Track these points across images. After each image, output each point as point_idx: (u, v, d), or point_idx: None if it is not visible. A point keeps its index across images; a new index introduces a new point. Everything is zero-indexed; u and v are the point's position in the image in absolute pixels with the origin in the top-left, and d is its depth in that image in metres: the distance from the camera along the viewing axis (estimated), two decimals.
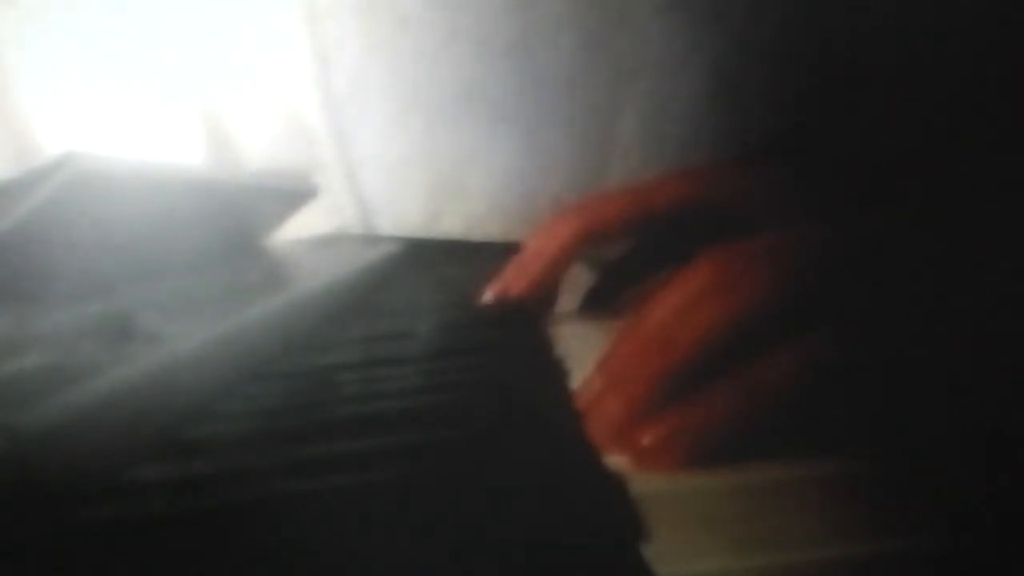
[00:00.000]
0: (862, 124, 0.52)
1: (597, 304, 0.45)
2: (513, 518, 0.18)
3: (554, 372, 0.32)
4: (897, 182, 0.38)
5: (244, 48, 0.73)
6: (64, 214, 0.32)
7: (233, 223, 0.52)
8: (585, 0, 0.72)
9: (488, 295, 0.42)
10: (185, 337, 0.29)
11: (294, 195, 0.57)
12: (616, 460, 0.22)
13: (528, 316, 0.42)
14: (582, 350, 0.33)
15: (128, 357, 0.26)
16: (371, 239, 0.73)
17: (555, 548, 0.17)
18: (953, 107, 0.45)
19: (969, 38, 0.45)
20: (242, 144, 0.75)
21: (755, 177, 0.42)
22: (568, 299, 0.47)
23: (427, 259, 0.61)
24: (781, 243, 0.26)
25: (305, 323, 0.41)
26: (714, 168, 0.43)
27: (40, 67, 0.71)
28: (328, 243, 0.68)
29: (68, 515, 0.20)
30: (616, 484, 0.20)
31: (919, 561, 0.16)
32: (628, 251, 0.46)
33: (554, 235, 0.40)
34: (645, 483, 0.20)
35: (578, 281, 0.50)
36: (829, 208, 0.30)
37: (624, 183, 0.61)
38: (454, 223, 0.67)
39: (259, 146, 0.74)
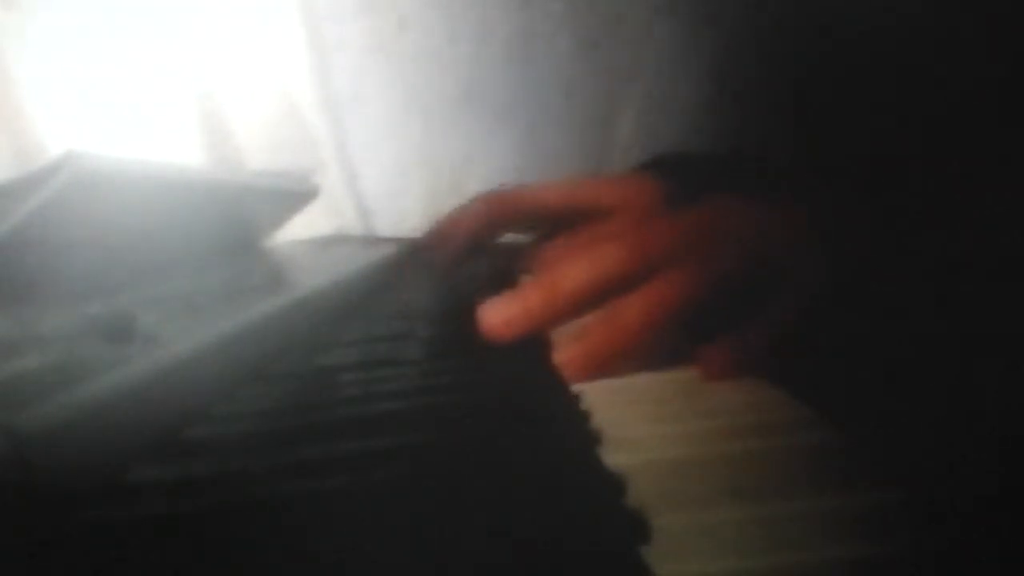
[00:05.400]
0: (860, 123, 0.52)
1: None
2: (513, 519, 0.18)
3: (553, 373, 0.32)
4: (895, 179, 0.39)
5: (244, 49, 0.73)
6: (64, 214, 0.32)
7: (233, 223, 0.52)
8: (584, 1, 0.72)
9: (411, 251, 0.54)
10: (185, 337, 0.29)
11: (294, 196, 0.57)
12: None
13: None
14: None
15: (128, 357, 0.25)
16: (371, 239, 0.73)
17: (555, 549, 0.17)
18: (951, 105, 0.46)
19: (967, 37, 0.45)
20: (242, 144, 0.75)
21: (637, 187, 0.51)
22: None
23: (427, 259, 0.61)
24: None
25: (305, 324, 0.41)
26: (602, 178, 0.54)
27: (40, 67, 0.71)
28: (328, 243, 0.68)
29: (68, 515, 0.20)
30: (616, 484, 0.20)
31: (920, 561, 0.16)
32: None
33: (466, 214, 0.52)
34: (646, 484, 0.20)
35: None
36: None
37: None
38: None
39: (259, 146, 0.74)
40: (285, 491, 0.21)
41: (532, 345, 0.35)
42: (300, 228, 0.64)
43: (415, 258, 0.54)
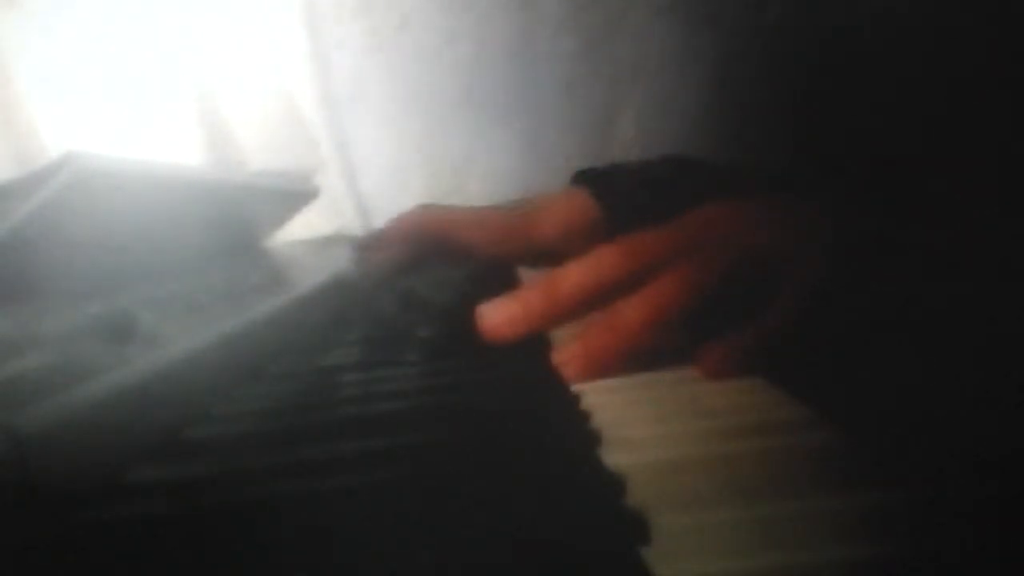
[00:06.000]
0: (860, 123, 0.52)
1: None
2: (513, 518, 0.18)
3: (553, 373, 0.32)
4: (895, 179, 0.39)
5: (244, 49, 0.73)
6: (64, 214, 0.32)
7: (233, 223, 0.52)
8: (585, 1, 0.72)
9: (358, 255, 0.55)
10: (185, 337, 0.29)
11: (294, 196, 0.57)
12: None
13: None
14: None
15: (128, 357, 0.26)
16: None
17: (555, 548, 0.17)
18: (951, 105, 0.46)
19: (967, 36, 0.45)
20: (242, 144, 0.75)
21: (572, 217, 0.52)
22: None
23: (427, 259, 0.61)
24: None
25: (305, 323, 0.41)
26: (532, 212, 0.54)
27: (41, 68, 0.71)
28: (328, 243, 0.68)
29: (68, 515, 0.20)
30: (616, 484, 0.20)
31: (920, 561, 0.16)
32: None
33: (406, 222, 0.53)
34: (646, 484, 0.20)
35: None
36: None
37: None
38: None
39: (259, 146, 0.74)
40: (285, 491, 0.21)
41: (532, 345, 0.35)
42: (300, 228, 0.64)
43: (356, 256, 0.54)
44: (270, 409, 0.29)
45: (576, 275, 0.34)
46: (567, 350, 0.32)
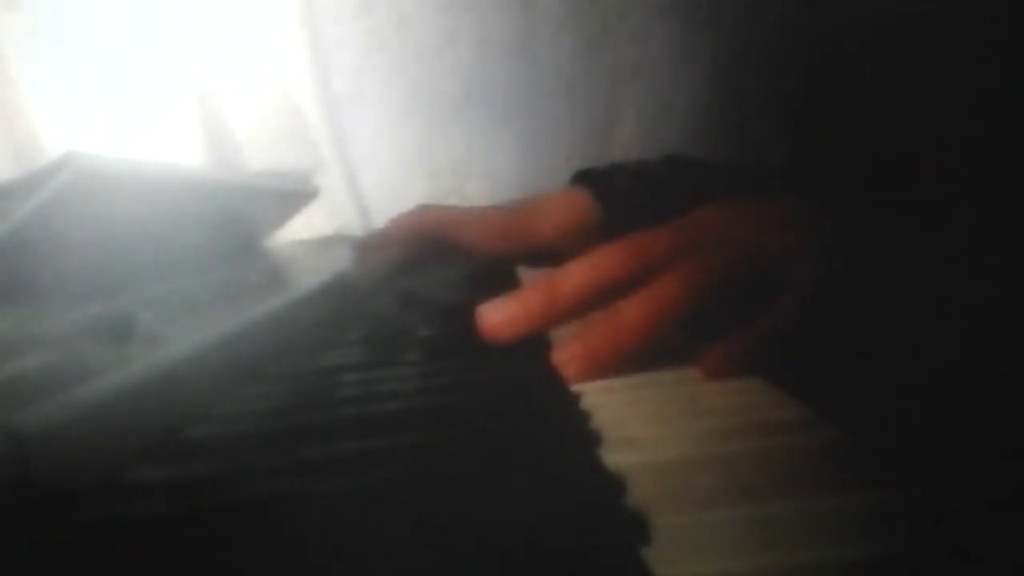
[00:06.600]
0: (860, 123, 0.52)
1: None
2: (513, 518, 0.18)
3: (553, 373, 0.32)
4: (894, 180, 0.39)
5: (244, 49, 0.73)
6: (64, 214, 0.32)
7: (233, 223, 0.52)
8: (585, 1, 0.72)
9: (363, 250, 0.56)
10: (185, 338, 0.29)
11: (294, 196, 0.57)
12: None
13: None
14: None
15: (128, 358, 0.26)
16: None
17: (555, 548, 0.17)
18: (951, 106, 0.46)
19: (968, 38, 0.45)
20: (243, 144, 0.75)
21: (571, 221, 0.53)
22: None
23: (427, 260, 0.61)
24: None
25: (305, 323, 0.41)
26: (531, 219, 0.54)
27: (41, 69, 0.71)
28: (328, 243, 0.68)
29: (68, 515, 0.20)
30: (616, 484, 0.20)
31: (920, 561, 0.16)
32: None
33: (405, 221, 0.54)
34: (646, 484, 0.20)
35: None
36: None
37: None
38: None
39: (259, 146, 0.74)
40: (285, 491, 0.21)
41: (532, 345, 0.35)
42: (300, 228, 0.64)
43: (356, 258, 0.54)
44: (270, 409, 0.29)
45: (576, 275, 0.34)
46: (567, 350, 0.32)
